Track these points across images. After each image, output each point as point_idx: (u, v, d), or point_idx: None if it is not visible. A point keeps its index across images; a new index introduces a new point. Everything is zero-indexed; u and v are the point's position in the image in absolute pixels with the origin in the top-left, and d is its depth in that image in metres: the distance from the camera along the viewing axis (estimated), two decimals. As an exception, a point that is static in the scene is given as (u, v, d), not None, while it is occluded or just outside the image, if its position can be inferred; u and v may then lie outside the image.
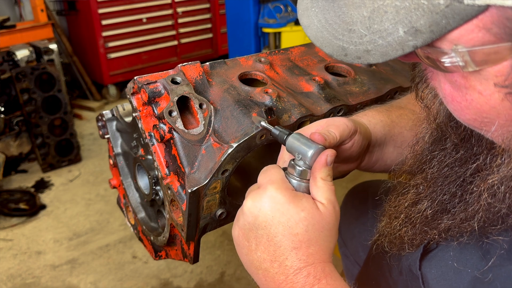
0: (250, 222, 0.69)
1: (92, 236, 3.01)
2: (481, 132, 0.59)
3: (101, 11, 4.95)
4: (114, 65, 5.24)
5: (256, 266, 0.70)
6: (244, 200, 0.73)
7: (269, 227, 0.68)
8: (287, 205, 0.68)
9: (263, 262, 0.69)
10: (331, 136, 0.77)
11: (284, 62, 1.11)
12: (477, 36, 0.48)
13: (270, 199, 0.68)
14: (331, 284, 0.67)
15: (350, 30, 0.54)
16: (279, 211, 0.68)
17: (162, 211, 1.11)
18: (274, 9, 3.41)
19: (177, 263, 2.65)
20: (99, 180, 3.71)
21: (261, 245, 0.69)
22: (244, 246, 0.72)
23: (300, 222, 0.67)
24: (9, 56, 3.86)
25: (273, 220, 0.68)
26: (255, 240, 0.70)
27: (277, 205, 0.68)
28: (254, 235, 0.69)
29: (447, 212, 0.72)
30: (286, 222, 0.67)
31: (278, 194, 0.69)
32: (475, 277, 0.69)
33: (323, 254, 0.68)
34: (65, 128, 3.84)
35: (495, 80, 0.51)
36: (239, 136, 0.87)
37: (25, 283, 2.62)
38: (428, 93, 0.70)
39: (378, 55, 0.52)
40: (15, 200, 3.43)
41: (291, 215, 0.67)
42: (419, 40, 0.49)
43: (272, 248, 0.68)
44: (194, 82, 0.94)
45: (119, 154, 1.22)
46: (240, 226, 0.72)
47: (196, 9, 5.72)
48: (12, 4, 5.12)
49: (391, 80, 1.11)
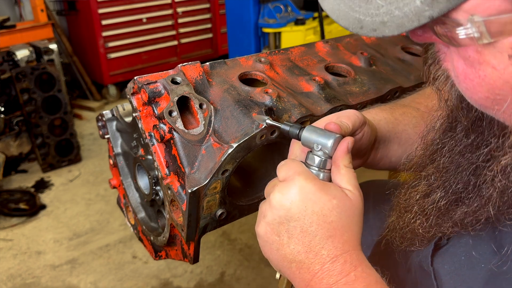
0: (282, 215, 0.69)
1: (92, 236, 3.01)
2: (493, 112, 0.59)
3: (101, 11, 4.95)
4: (114, 65, 5.24)
5: (289, 260, 0.70)
6: (267, 196, 0.73)
7: (303, 218, 0.68)
8: (318, 194, 0.68)
9: (297, 254, 0.68)
10: (345, 126, 0.77)
11: (284, 62, 1.11)
12: (493, 4, 0.48)
13: (300, 189, 0.68)
14: (366, 271, 0.68)
15: (367, 1, 0.54)
16: (311, 201, 0.68)
17: (162, 211, 1.11)
18: (274, 9, 3.41)
19: (177, 263, 2.65)
20: (99, 180, 3.71)
21: (294, 238, 0.68)
22: (274, 241, 0.70)
23: (333, 209, 0.68)
24: (9, 56, 3.86)
25: (306, 211, 0.68)
26: (287, 233, 0.69)
27: (308, 195, 0.68)
28: (286, 228, 0.69)
29: (461, 201, 0.70)
30: (320, 211, 0.68)
31: (308, 184, 0.69)
32: (490, 270, 0.68)
33: (355, 240, 0.70)
34: (65, 128, 3.84)
35: (510, 52, 0.51)
36: (239, 136, 0.87)
37: (25, 283, 2.62)
38: (441, 75, 0.70)
39: (394, 27, 0.53)
40: (15, 200, 3.43)
41: (324, 203, 0.68)
42: (435, 9, 0.49)
43: (308, 238, 0.68)
44: (194, 82, 0.94)
45: (119, 154, 1.22)
46: (268, 221, 0.71)
47: (196, 9, 5.72)
48: (12, 4, 5.12)
49: (391, 80, 1.11)
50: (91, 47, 5.17)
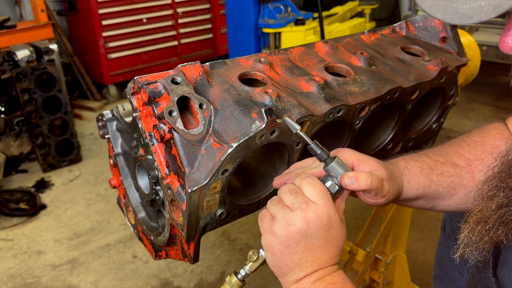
0: (309, 232, 0.84)
1: (92, 236, 3.02)
2: None
3: (102, 12, 4.95)
4: (115, 65, 5.24)
5: (296, 264, 0.85)
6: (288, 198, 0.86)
7: (322, 239, 0.86)
8: (339, 225, 0.87)
9: (304, 261, 0.85)
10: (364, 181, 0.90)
11: (284, 62, 1.11)
12: None
13: (329, 219, 0.85)
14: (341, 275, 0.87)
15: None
16: (333, 229, 0.86)
17: (162, 211, 1.11)
18: (274, 9, 3.41)
19: (177, 263, 2.65)
20: (100, 180, 3.71)
21: (308, 250, 0.85)
22: (290, 246, 0.85)
23: (341, 238, 0.88)
24: (10, 56, 3.86)
25: (328, 235, 0.86)
26: (304, 245, 0.85)
27: (333, 224, 0.86)
28: (305, 241, 0.85)
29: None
30: (336, 239, 0.87)
31: (336, 216, 0.86)
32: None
33: None
34: (65, 128, 3.85)
35: None
36: (239, 136, 0.87)
37: (25, 283, 2.62)
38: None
39: (491, 10, 0.56)
40: (15, 200, 3.43)
41: (341, 234, 0.88)
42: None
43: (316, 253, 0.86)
44: (194, 82, 0.94)
45: (119, 154, 1.22)
46: (294, 230, 0.83)
47: (196, 10, 5.72)
48: (12, 4, 5.12)
49: (390, 80, 1.11)
50: (92, 47, 5.17)
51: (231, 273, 0.96)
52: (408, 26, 1.36)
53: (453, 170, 1.05)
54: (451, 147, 1.10)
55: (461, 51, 1.30)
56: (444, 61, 1.17)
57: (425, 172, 1.04)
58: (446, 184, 1.04)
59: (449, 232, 1.33)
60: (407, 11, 5.21)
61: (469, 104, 4.82)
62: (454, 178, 1.04)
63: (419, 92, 1.17)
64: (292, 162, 1.02)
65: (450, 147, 1.10)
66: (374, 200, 0.96)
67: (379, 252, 2.04)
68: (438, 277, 1.40)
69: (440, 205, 1.08)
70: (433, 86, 1.20)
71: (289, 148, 0.98)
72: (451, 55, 1.29)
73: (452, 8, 0.60)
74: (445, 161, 1.06)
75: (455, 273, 1.27)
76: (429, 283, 1.48)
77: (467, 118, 4.53)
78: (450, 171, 1.05)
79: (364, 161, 0.95)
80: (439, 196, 1.05)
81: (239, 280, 0.94)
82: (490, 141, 1.06)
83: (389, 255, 2.01)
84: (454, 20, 0.61)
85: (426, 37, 1.34)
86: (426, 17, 1.33)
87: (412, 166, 1.04)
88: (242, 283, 0.95)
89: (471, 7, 0.58)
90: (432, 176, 1.03)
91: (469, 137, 1.10)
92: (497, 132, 1.08)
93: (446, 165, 1.05)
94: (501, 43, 0.65)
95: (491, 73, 5.30)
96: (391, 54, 1.24)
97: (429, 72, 1.17)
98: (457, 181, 1.04)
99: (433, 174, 1.04)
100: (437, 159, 1.07)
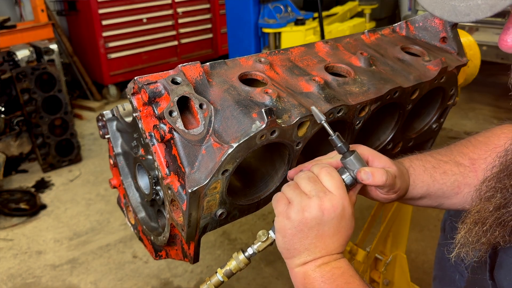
0: (323, 219, 0.87)
1: (92, 236, 3.02)
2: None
3: (102, 11, 4.95)
4: (115, 65, 5.24)
5: (305, 248, 0.89)
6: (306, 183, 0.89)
7: (333, 228, 0.89)
8: (350, 218, 0.90)
9: (314, 247, 0.89)
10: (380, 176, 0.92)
11: (284, 62, 1.11)
12: None
13: (342, 210, 0.88)
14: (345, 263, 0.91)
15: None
16: (345, 219, 0.89)
17: (162, 211, 1.11)
18: (274, 9, 3.41)
19: (177, 263, 2.65)
20: (100, 180, 3.71)
21: (319, 237, 0.88)
22: (302, 230, 0.87)
23: (351, 228, 0.92)
24: (10, 56, 3.86)
25: (339, 225, 0.89)
26: (316, 231, 0.88)
27: (346, 215, 0.89)
28: (317, 228, 0.88)
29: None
30: (346, 228, 0.90)
31: (349, 208, 0.90)
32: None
33: None
34: (65, 128, 3.85)
35: None
36: (239, 136, 0.87)
37: (25, 283, 2.62)
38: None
39: (487, 8, 0.57)
40: (15, 200, 3.43)
41: (351, 225, 0.91)
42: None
43: (326, 240, 0.89)
44: (194, 82, 0.94)
45: (119, 154, 1.22)
46: (309, 217, 0.86)
47: (196, 10, 5.72)
48: (12, 4, 5.12)
49: (390, 80, 1.11)
50: (92, 47, 5.17)
51: (238, 250, 0.98)
52: (408, 26, 1.36)
53: (456, 169, 1.06)
54: (456, 147, 1.12)
55: (461, 51, 1.30)
56: (444, 61, 1.17)
57: (428, 171, 1.05)
58: (450, 182, 1.06)
59: (448, 232, 1.33)
60: (407, 11, 5.21)
61: (469, 104, 4.82)
62: (458, 176, 1.06)
63: (419, 92, 1.17)
64: (292, 162, 1.03)
65: (455, 147, 1.12)
66: (386, 196, 0.99)
67: (379, 252, 2.04)
68: (437, 278, 1.41)
69: (445, 203, 1.09)
70: (433, 86, 1.20)
71: (289, 148, 0.98)
72: (451, 55, 1.29)
73: (450, 5, 0.61)
74: (448, 160, 1.08)
75: (455, 273, 1.27)
76: (429, 283, 1.48)
77: (467, 118, 4.53)
78: (453, 170, 1.06)
79: (378, 158, 0.98)
80: (444, 195, 1.06)
81: (246, 258, 0.97)
82: (494, 141, 1.07)
83: (389, 255, 2.01)
84: (452, 18, 0.62)
85: (426, 37, 1.34)
86: (426, 17, 1.33)
87: (416, 165, 1.06)
88: (248, 261, 0.98)
89: (468, 5, 0.59)
90: (435, 175, 1.05)
91: (475, 138, 1.12)
92: (502, 132, 1.09)
93: (450, 164, 1.07)
94: (501, 42, 0.65)
95: (491, 73, 5.30)
96: (391, 54, 1.24)
97: (429, 72, 1.17)
98: (461, 180, 1.05)
99: (436, 172, 1.06)
100: (440, 158, 1.08)
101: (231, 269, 0.98)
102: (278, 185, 1.06)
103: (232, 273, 0.98)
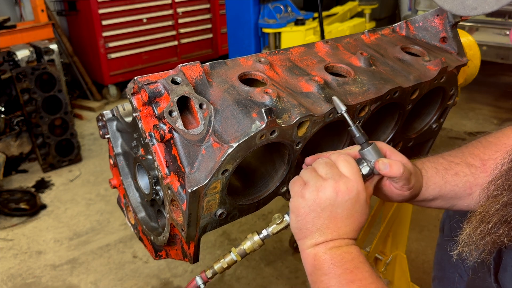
0: (337, 201, 0.88)
1: (92, 236, 3.02)
2: None
3: (102, 12, 4.95)
4: (115, 65, 5.24)
5: (317, 228, 0.90)
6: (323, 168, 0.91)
7: (346, 211, 0.90)
8: (364, 204, 0.92)
9: (326, 228, 0.90)
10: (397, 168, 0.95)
11: (284, 62, 1.11)
12: None
13: (357, 194, 0.90)
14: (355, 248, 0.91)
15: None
16: (358, 204, 0.91)
17: (162, 211, 1.11)
18: (274, 9, 3.41)
19: (177, 262, 2.65)
20: (100, 180, 3.71)
21: (332, 218, 0.90)
22: (315, 210, 0.89)
23: (364, 214, 0.93)
24: (10, 56, 3.87)
25: (353, 208, 0.91)
26: (330, 212, 0.90)
27: (359, 200, 0.91)
28: (331, 209, 0.89)
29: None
30: (359, 213, 0.92)
31: (363, 193, 0.91)
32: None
33: None
34: (65, 128, 3.85)
35: None
36: (239, 136, 0.87)
37: (25, 283, 2.63)
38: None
39: (494, 2, 0.60)
40: (15, 200, 3.43)
41: (363, 211, 0.92)
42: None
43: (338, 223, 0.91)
44: (194, 82, 0.94)
45: (119, 154, 1.22)
46: (323, 197, 0.88)
47: (196, 10, 5.72)
48: (12, 4, 5.13)
49: (390, 80, 1.11)
50: (92, 47, 5.17)
51: (253, 231, 1.01)
52: (408, 26, 1.36)
53: (468, 170, 1.07)
54: (467, 148, 1.13)
55: (461, 51, 1.30)
56: (444, 61, 1.17)
57: (440, 172, 1.07)
58: (462, 183, 1.07)
59: (447, 232, 1.33)
60: (407, 11, 5.21)
61: (469, 104, 4.82)
62: (469, 177, 1.07)
63: (419, 92, 1.17)
64: (292, 162, 1.03)
65: (466, 148, 1.13)
66: (400, 191, 1.00)
67: (379, 252, 2.04)
68: (437, 278, 1.41)
69: (458, 204, 1.10)
70: (433, 86, 1.20)
71: (289, 148, 0.98)
72: (451, 55, 1.29)
73: (458, 0, 0.64)
74: (460, 161, 1.09)
75: (454, 274, 1.27)
76: (429, 283, 1.49)
77: (467, 118, 4.53)
78: (465, 171, 1.07)
79: (395, 153, 1.00)
80: (456, 196, 1.08)
81: (260, 239, 0.99)
82: (504, 141, 1.08)
83: (389, 255, 2.01)
84: (460, 11, 0.65)
85: (426, 37, 1.34)
86: (426, 17, 1.33)
87: (428, 167, 1.07)
88: (262, 243, 1.00)
89: None
90: (447, 177, 1.07)
91: (485, 138, 1.13)
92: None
93: (461, 165, 1.08)
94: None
95: (491, 73, 5.30)
96: (391, 54, 1.24)
97: (429, 72, 1.17)
98: (472, 181, 1.06)
99: (448, 174, 1.07)
100: (452, 160, 1.10)
101: (245, 249, 0.99)
102: (278, 185, 1.06)
103: (246, 253, 1.00)
